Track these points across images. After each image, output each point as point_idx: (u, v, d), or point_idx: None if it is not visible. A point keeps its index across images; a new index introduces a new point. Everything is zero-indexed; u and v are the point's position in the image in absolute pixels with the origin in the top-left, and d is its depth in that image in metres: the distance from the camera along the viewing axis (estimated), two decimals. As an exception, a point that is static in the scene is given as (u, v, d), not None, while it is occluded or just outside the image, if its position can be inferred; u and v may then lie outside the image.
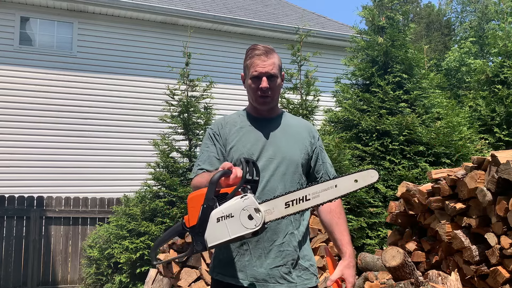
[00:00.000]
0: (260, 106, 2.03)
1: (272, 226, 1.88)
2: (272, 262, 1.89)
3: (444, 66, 20.50)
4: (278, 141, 2.01)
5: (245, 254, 1.90)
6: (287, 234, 1.93)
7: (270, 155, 1.96)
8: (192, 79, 6.08)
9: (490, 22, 23.12)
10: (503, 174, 3.10)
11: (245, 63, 2.02)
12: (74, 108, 8.86)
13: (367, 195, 5.06)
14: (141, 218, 5.35)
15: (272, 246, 1.89)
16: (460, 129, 5.65)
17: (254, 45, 2.04)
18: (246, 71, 2.02)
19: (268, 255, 1.89)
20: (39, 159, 8.49)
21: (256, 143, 1.98)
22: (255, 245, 1.89)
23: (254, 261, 1.88)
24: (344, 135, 5.64)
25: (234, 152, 1.97)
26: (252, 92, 2.00)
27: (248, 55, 2.01)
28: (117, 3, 8.84)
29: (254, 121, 2.05)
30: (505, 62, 6.89)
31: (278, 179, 1.94)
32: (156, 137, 6.23)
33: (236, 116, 2.10)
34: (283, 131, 2.04)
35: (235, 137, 2.00)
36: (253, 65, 1.98)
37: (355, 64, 6.17)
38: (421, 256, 3.81)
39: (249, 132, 2.01)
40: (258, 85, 1.97)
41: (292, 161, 1.99)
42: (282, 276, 1.89)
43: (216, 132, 2.04)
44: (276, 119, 2.08)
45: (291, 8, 12.23)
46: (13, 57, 8.54)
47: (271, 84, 1.97)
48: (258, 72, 1.96)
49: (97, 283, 5.84)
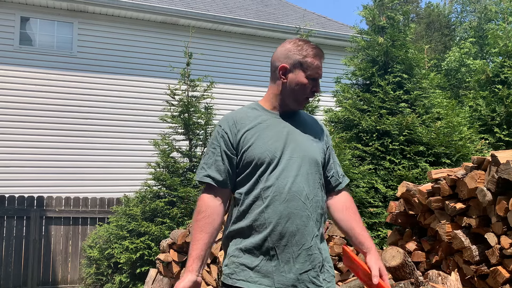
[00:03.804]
0: (299, 107, 1.95)
1: (300, 229, 1.80)
2: (301, 267, 1.79)
3: (444, 66, 20.50)
4: (298, 138, 1.89)
5: (272, 259, 1.78)
6: (313, 237, 1.84)
7: (292, 153, 1.84)
8: (192, 79, 6.08)
9: (490, 22, 23.11)
10: (503, 174, 3.10)
11: (303, 58, 1.87)
12: (74, 108, 8.86)
13: (367, 195, 5.06)
14: (141, 218, 5.35)
15: (300, 250, 1.79)
16: (460, 129, 5.65)
17: (309, 42, 1.92)
18: (301, 66, 1.87)
19: (297, 259, 1.79)
20: (39, 159, 8.49)
21: (277, 140, 1.85)
22: (282, 249, 1.78)
23: (282, 266, 1.77)
24: (344, 135, 5.64)
25: (254, 149, 1.81)
26: (301, 91, 1.88)
27: (306, 51, 1.88)
28: (117, 3, 8.84)
29: (271, 116, 1.92)
30: (505, 62, 6.89)
31: (303, 179, 1.84)
32: (157, 137, 6.23)
33: (249, 110, 1.94)
34: (301, 128, 1.93)
35: (254, 133, 1.85)
36: (315, 65, 1.88)
37: (355, 64, 6.17)
38: (421, 256, 3.81)
39: (269, 128, 1.87)
40: (311, 87, 1.89)
41: (313, 160, 1.89)
42: (311, 280, 1.80)
43: (226, 131, 1.86)
44: (294, 116, 1.96)
45: (291, 8, 12.23)
46: (13, 57, 8.54)
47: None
48: (319, 74, 1.89)
49: (97, 283, 5.84)
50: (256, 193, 1.80)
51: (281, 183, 1.80)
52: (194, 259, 1.74)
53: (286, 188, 1.79)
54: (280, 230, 1.78)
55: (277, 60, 1.93)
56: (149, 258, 5.12)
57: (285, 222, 1.78)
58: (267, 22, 10.20)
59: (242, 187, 1.84)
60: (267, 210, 1.78)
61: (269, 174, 1.80)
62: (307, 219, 1.83)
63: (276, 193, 1.79)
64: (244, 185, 1.83)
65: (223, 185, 1.84)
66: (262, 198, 1.79)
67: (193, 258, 1.75)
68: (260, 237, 1.78)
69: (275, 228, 1.77)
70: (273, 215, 1.78)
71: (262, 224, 1.78)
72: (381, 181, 5.23)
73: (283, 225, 1.78)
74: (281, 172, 1.81)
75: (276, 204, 1.78)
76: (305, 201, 1.83)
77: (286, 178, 1.81)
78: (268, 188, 1.79)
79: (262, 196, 1.79)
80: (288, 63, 1.89)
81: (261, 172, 1.81)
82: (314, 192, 1.87)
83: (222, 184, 1.84)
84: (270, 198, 1.79)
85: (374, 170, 5.34)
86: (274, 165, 1.81)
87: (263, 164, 1.81)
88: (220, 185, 1.84)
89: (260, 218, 1.78)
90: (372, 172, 5.30)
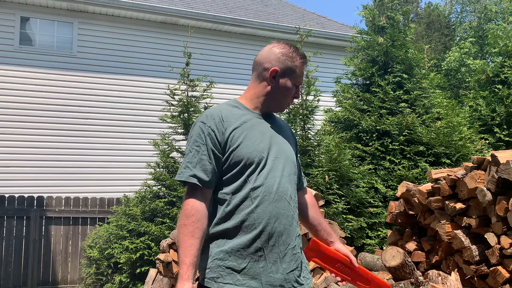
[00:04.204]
0: (280, 111, 2.01)
1: (287, 229, 1.81)
2: (288, 267, 1.80)
3: (444, 66, 20.50)
4: (279, 140, 1.92)
5: (259, 260, 1.76)
6: (296, 236, 1.87)
7: (276, 153, 1.86)
8: (192, 79, 6.08)
9: (490, 22, 23.11)
10: (503, 174, 3.10)
11: (293, 65, 1.91)
12: (74, 108, 8.86)
13: (367, 195, 5.07)
14: (141, 218, 5.35)
15: (287, 250, 1.81)
16: (460, 129, 5.65)
17: (297, 48, 1.97)
18: (290, 73, 1.91)
19: (284, 259, 1.80)
20: (39, 159, 8.49)
21: (263, 140, 1.85)
22: (270, 249, 1.77)
23: (270, 266, 1.76)
24: (344, 135, 5.64)
25: (243, 149, 1.79)
26: (285, 96, 1.93)
27: (296, 58, 1.92)
28: (117, 3, 8.84)
29: (254, 116, 1.91)
30: (505, 62, 6.89)
31: (287, 180, 1.87)
32: (156, 137, 6.23)
33: (231, 107, 1.90)
34: (278, 130, 1.96)
35: (241, 132, 1.82)
36: (301, 74, 1.94)
37: (355, 64, 6.18)
38: (421, 256, 3.81)
39: (253, 128, 1.86)
40: (294, 93, 1.95)
41: (293, 161, 1.94)
42: (296, 279, 1.82)
43: (213, 129, 1.80)
44: (271, 118, 1.98)
45: (291, 8, 12.23)
46: (13, 57, 8.54)
47: None
48: (302, 82, 1.99)
49: (97, 283, 5.84)
50: (244, 193, 1.78)
51: (269, 183, 1.80)
52: (189, 266, 1.69)
53: (274, 188, 1.80)
54: (269, 230, 1.77)
55: (267, 61, 1.92)
56: (149, 258, 5.12)
57: (273, 222, 1.78)
58: (267, 22, 10.20)
59: (228, 187, 1.80)
60: (256, 210, 1.77)
61: (258, 174, 1.79)
62: (292, 219, 1.86)
63: (266, 193, 1.79)
64: (230, 185, 1.80)
65: (209, 185, 1.79)
66: (251, 198, 1.77)
67: (187, 266, 1.69)
68: (248, 237, 1.76)
69: (264, 229, 1.77)
70: (262, 215, 1.77)
71: (251, 224, 1.76)
72: (381, 181, 5.23)
73: (272, 225, 1.78)
74: (269, 173, 1.81)
75: (266, 204, 1.78)
76: (290, 201, 1.86)
77: (273, 179, 1.81)
78: (258, 188, 1.78)
79: (251, 196, 1.78)
80: (280, 68, 1.89)
81: (250, 172, 1.79)
82: (294, 192, 1.93)
83: (208, 185, 1.79)
84: (259, 198, 1.78)
85: (374, 170, 5.34)
86: (262, 166, 1.81)
87: (252, 164, 1.79)
88: (206, 186, 1.78)
89: (249, 218, 1.76)
90: (372, 172, 5.30)
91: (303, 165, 5.04)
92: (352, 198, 4.98)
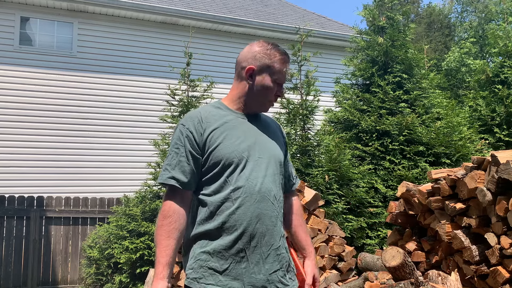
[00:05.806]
0: (262, 110, 1.94)
1: (270, 230, 1.81)
2: (270, 267, 1.80)
3: (444, 66, 20.50)
4: (263, 139, 1.90)
5: (241, 261, 1.76)
6: (281, 236, 1.86)
7: (259, 153, 1.84)
8: (192, 79, 6.08)
9: (490, 22, 23.11)
10: (503, 174, 3.10)
11: (270, 62, 1.86)
12: (74, 108, 8.86)
13: (367, 195, 5.07)
14: (141, 219, 5.35)
15: (270, 251, 1.80)
16: (460, 129, 5.65)
17: (278, 46, 1.91)
18: (268, 70, 1.87)
19: (266, 260, 1.79)
20: (39, 159, 8.49)
21: (244, 140, 1.83)
22: (252, 250, 1.77)
23: (252, 267, 1.77)
24: (344, 135, 5.64)
25: (222, 149, 1.78)
26: (266, 94, 1.88)
27: (274, 55, 1.88)
28: (117, 3, 8.84)
29: (236, 116, 1.89)
30: (505, 62, 6.89)
31: (271, 180, 1.85)
32: (157, 137, 6.23)
33: (213, 109, 1.90)
34: (264, 129, 1.94)
35: (221, 133, 1.81)
36: (282, 71, 1.88)
37: (355, 64, 6.18)
38: (421, 256, 3.81)
39: (235, 128, 1.85)
40: (275, 92, 1.90)
41: (278, 160, 1.91)
42: (279, 280, 1.81)
43: (191, 130, 1.80)
44: (256, 117, 1.96)
45: (291, 8, 12.24)
46: (13, 57, 8.54)
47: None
48: (284, 79, 1.90)
49: (97, 283, 5.84)
50: (225, 194, 1.77)
51: (251, 184, 1.79)
52: (164, 266, 1.71)
53: (256, 188, 1.79)
54: (250, 231, 1.77)
55: (244, 60, 1.90)
56: (149, 258, 5.12)
57: (255, 223, 1.78)
58: (267, 22, 10.20)
59: (208, 188, 1.80)
60: (237, 211, 1.76)
61: (238, 175, 1.78)
62: (276, 219, 1.85)
63: (247, 194, 1.78)
64: (211, 186, 1.80)
65: (188, 187, 1.79)
66: (232, 200, 1.77)
67: (163, 265, 1.71)
68: (230, 238, 1.75)
69: (245, 230, 1.76)
70: (243, 216, 1.76)
71: (232, 225, 1.76)
72: (381, 181, 5.23)
73: (253, 226, 1.77)
74: (251, 173, 1.80)
75: (247, 205, 1.77)
76: (274, 202, 1.84)
77: (255, 179, 1.80)
78: (238, 189, 1.77)
79: (232, 197, 1.77)
80: (256, 65, 1.87)
81: (229, 172, 1.78)
82: (279, 192, 1.91)
83: (187, 186, 1.79)
84: (240, 200, 1.77)
85: (374, 170, 5.35)
86: (242, 166, 1.79)
87: (231, 164, 1.78)
88: (185, 187, 1.79)
89: (230, 220, 1.76)
90: (372, 172, 5.30)
91: (303, 165, 5.04)
92: (352, 198, 4.98)
